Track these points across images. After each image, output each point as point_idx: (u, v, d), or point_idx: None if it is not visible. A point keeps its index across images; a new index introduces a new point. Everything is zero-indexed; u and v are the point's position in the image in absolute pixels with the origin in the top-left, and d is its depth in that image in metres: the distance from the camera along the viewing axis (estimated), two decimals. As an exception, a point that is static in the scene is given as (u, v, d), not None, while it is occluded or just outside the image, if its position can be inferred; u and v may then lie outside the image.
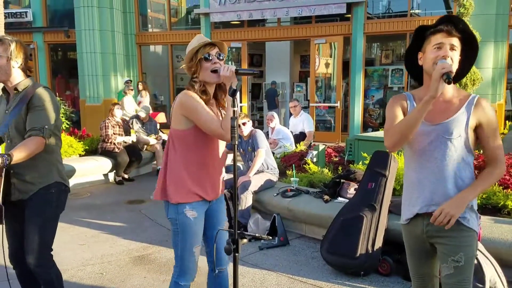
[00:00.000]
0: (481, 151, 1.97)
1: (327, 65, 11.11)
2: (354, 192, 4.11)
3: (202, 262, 2.53)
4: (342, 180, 4.43)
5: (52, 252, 2.57)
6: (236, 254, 1.95)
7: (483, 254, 3.20)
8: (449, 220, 1.81)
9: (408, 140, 1.90)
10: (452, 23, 1.87)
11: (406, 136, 1.84)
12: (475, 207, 1.96)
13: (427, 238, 1.99)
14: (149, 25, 13.48)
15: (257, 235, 2.09)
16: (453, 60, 1.85)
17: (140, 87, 10.97)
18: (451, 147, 1.89)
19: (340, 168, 5.37)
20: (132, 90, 10.65)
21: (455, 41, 1.87)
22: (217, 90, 2.35)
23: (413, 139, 1.95)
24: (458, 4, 5.83)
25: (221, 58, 2.24)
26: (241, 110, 9.35)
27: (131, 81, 11.28)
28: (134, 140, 7.54)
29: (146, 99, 10.67)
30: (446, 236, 1.91)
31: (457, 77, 1.95)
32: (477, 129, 1.91)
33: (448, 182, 1.90)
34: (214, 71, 2.19)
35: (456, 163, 1.90)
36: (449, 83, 1.74)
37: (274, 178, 4.96)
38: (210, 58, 2.21)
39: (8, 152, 2.28)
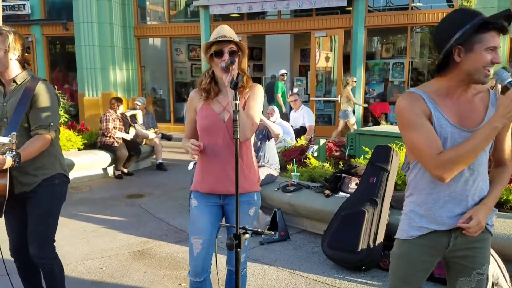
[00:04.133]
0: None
1: (327, 58, 11.06)
2: (356, 186, 4.08)
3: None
4: (343, 175, 4.40)
5: (55, 244, 2.57)
6: (238, 250, 1.91)
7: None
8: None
9: None
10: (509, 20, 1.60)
11: (468, 165, 1.64)
12: None
13: (450, 252, 1.80)
14: (148, 18, 13.38)
15: (259, 230, 2.05)
16: None
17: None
18: (483, 155, 1.69)
19: (341, 162, 5.33)
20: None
21: None
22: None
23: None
24: (460, -3, 5.77)
25: (232, 57, 2.16)
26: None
27: (286, 73, 10.87)
28: (132, 136, 7.47)
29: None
30: (475, 248, 1.77)
31: None
32: None
33: (481, 193, 1.74)
34: (231, 62, 2.10)
35: (485, 171, 1.74)
36: None
37: (275, 172, 4.93)
38: (222, 54, 2.17)
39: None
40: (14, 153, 2.12)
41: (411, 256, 1.82)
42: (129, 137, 7.32)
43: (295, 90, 10.49)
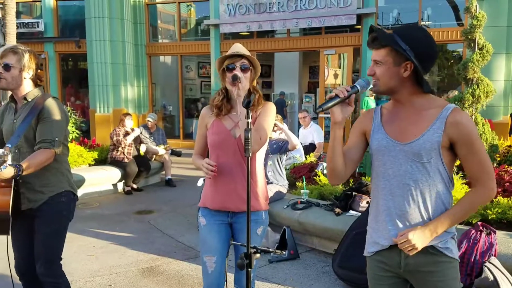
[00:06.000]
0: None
1: (336, 75, 11.09)
2: (367, 205, 4.04)
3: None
4: (354, 193, 4.36)
5: (61, 262, 2.55)
6: (249, 270, 1.89)
7: (499, 270, 3.12)
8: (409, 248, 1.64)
9: (340, 173, 1.78)
10: None
11: (331, 171, 1.79)
12: (455, 232, 1.74)
13: (407, 274, 1.73)
14: (159, 36, 13.59)
15: (270, 249, 2.02)
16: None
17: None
18: (424, 172, 1.63)
19: (351, 180, 5.29)
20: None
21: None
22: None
23: (380, 159, 1.72)
24: (470, 16, 5.77)
25: (242, 68, 2.19)
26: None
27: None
28: (144, 151, 7.50)
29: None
30: (429, 271, 1.67)
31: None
32: (453, 147, 1.64)
33: (422, 214, 1.66)
34: (234, 78, 2.13)
35: (433, 192, 1.65)
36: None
37: (284, 190, 4.90)
38: (233, 68, 2.19)
39: (18, 162, 2.27)
40: (7, 165, 2.11)
41: (373, 272, 1.85)
42: (142, 150, 7.36)
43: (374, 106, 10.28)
